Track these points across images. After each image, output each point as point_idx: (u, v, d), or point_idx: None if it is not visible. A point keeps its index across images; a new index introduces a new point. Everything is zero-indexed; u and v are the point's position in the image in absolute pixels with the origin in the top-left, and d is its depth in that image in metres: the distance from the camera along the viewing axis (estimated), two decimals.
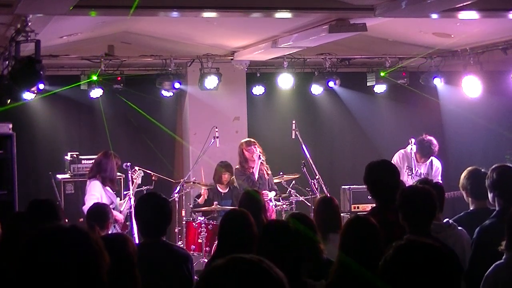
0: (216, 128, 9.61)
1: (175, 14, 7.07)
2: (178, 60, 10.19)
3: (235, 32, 8.98)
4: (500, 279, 3.95)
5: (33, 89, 8.28)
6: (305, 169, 9.31)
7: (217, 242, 5.38)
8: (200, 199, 9.46)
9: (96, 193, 8.05)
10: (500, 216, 4.81)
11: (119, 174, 8.88)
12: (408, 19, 7.79)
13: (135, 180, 8.65)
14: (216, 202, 9.19)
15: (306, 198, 9.50)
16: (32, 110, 10.50)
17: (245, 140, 9.34)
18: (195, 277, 5.12)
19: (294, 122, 9.67)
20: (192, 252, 8.51)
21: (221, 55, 10.15)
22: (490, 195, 5.08)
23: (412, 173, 9.15)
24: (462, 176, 5.61)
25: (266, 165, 9.18)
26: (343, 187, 10.21)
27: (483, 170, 5.51)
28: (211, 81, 10.05)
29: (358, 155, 11.41)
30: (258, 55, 9.71)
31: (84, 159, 9.55)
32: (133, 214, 7.83)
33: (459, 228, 5.08)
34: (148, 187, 8.89)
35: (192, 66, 10.51)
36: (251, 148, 9.02)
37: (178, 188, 9.33)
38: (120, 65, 9.84)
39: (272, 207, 8.98)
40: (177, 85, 10.02)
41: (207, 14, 7.23)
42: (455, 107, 11.23)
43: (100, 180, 8.16)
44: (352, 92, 11.50)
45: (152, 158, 10.67)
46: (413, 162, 9.21)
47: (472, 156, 10.62)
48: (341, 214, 6.14)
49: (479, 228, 4.85)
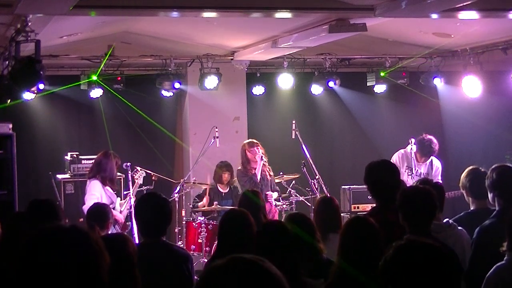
0: (216, 128, 9.60)
1: (175, 14, 7.07)
2: (178, 60, 10.18)
3: (235, 32, 8.98)
4: (502, 280, 3.95)
5: (33, 89, 8.27)
6: (305, 169, 9.30)
7: (217, 242, 5.38)
8: (201, 203, 9.40)
9: (96, 192, 8.05)
10: (500, 216, 4.81)
11: (119, 174, 8.88)
12: (408, 19, 7.79)
13: (137, 180, 8.65)
14: (216, 202, 9.19)
15: (306, 198, 9.49)
16: (32, 110, 10.49)
17: (247, 141, 9.31)
18: (195, 277, 5.12)
19: (294, 122, 9.67)
20: (192, 252, 8.52)
21: (221, 55, 10.14)
22: (490, 195, 5.08)
23: (412, 173, 9.14)
24: (462, 175, 5.62)
25: (269, 166, 9.18)
26: (343, 187, 10.20)
27: (482, 170, 5.52)
28: (211, 81, 10.05)
29: (358, 155, 11.41)
30: (258, 55, 9.70)
31: (84, 159, 9.54)
32: (133, 214, 7.84)
33: (459, 228, 5.08)
34: (148, 187, 8.88)
35: (192, 66, 10.51)
36: (254, 149, 9.01)
37: (178, 188, 9.33)
38: (120, 65, 9.84)
39: (276, 208, 9.00)
40: (177, 85, 10.01)
41: (207, 14, 7.23)
42: (455, 107, 11.23)
43: (100, 180, 8.17)
44: (352, 92, 11.50)
45: (152, 158, 10.66)
46: (413, 162, 9.20)
47: (472, 156, 10.60)
48: (341, 214, 6.15)
49: (479, 228, 4.85)
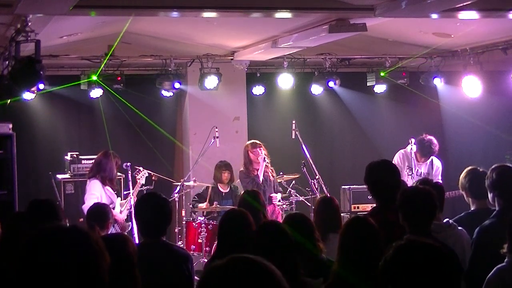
0: (216, 128, 9.60)
1: (175, 14, 7.07)
2: (178, 60, 10.18)
3: (235, 32, 8.98)
4: (503, 282, 3.94)
5: (33, 89, 8.27)
6: (305, 169, 9.30)
7: (216, 242, 5.38)
8: (201, 205, 9.36)
9: (96, 192, 8.06)
10: (499, 216, 4.81)
11: (119, 174, 8.88)
12: (408, 19, 7.79)
13: (139, 181, 8.66)
14: (216, 202, 9.19)
15: (306, 198, 9.49)
16: (32, 110, 10.49)
17: (250, 141, 9.28)
18: (195, 277, 5.12)
19: (294, 122, 9.67)
20: (192, 252, 8.51)
21: (221, 55, 10.14)
22: (490, 195, 5.08)
23: (412, 173, 9.14)
24: (461, 176, 5.61)
25: (271, 167, 9.17)
26: (343, 187, 10.20)
27: (481, 170, 5.52)
28: (211, 81, 10.04)
29: (358, 155, 11.41)
30: (258, 55, 9.70)
31: (84, 159, 9.55)
32: (133, 214, 7.84)
33: (459, 228, 5.08)
34: (148, 187, 8.88)
35: (192, 66, 10.50)
36: (256, 150, 8.99)
37: (178, 188, 9.32)
38: (120, 65, 9.83)
39: (279, 209, 8.99)
40: (177, 85, 10.00)
41: (207, 14, 7.23)
42: (455, 107, 11.23)
43: (100, 179, 8.17)
44: (352, 92, 11.50)
45: (152, 158, 10.66)
46: (413, 162, 9.20)
47: (472, 156, 10.61)
48: (341, 214, 6.15)
49: (479, 228, 4.85)
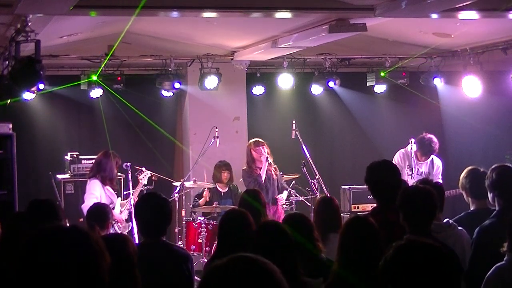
0: (216, 128, 9.60)
1: (175, 14, 7.07)
2: (178, 60, 10.18)
3: (235, 32, 8.98)
4: (502, 280, 3.94)
5: (33, 89, 8.27)
6: (305, 169, 9.30)
7: (216, 242, 5.38)
8: (201, 200, 9.44)
9: (96, 192, 8.06)
10: (499, 216, 4.81)
11: (119, 174, 8.89)
12: (408, 19, 7.78)
13: (141, 181, 8.66)
14: (216, 202, 9.19)
15: (306, 198, 9.50)
16: (32, 110, 10.49)
17: (253, 140, 9.26)
18: (195, 277, 5.12)
19: (294, 122, 9.66)
20: (192, 252, 8.51)
21: (221, 55, 10.14)
22: (490, 195, 5.07)
23: (413, 172, 9.14)
24: (461, 176, 5.61)
25: (274, 165, 9.15)
26: (343, 187, 10.20)
27: (482, 170, 5.51)
28: (211, 81, 10.04)
29: (358, 155, 11.41)
30: (258, 55, 9.70)
31: (84, 159, 9.55)
32: (133, 214, 7.84)
33: (459, 228, 5.08)
34: (148, 187, 8.88)
35: (192, 66, 10.50)
36: (259, 149, 8.98)
37: (178, 188, 9.33)
38: (120, 65, 9.83)
39: (281, 209, 8.99)
40: (177, 85, 10.00)
41: (207, 14, 7.23)
42: (455, 107, 11.23)
43: (100, 179, 8.18)
44: (352, 92, 11.50)
45: (151, 158, 10.65)
46: (413, 161, 9.20)
47: (472, 156, 10.61)
48: (341, 214, 6.15)
49: (479, 228, 4.85)
